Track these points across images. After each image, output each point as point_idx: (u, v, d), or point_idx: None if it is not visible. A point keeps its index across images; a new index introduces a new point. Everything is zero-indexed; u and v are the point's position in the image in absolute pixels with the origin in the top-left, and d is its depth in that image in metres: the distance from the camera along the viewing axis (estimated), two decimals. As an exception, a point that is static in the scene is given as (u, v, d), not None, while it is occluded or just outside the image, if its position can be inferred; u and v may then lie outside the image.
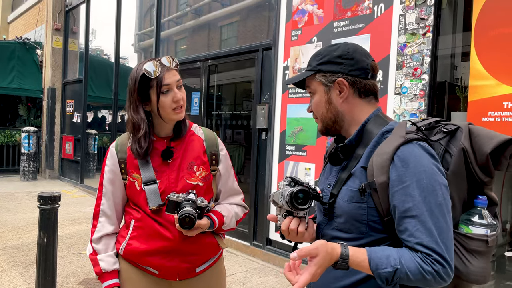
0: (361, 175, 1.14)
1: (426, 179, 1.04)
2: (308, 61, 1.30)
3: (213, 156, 1.67)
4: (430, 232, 1.01)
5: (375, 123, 1.20)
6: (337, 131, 1.26)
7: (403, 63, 3.21)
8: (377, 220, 1.11)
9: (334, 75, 1.21)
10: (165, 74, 1.53)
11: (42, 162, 10.01)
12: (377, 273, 1.02)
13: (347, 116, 1.23)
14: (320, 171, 3.99)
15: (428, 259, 1.00)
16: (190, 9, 6.62)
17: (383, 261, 1.02)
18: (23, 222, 5.61)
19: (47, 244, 2.89)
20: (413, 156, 1.07)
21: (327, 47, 1.27)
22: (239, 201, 1.78)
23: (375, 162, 1.10)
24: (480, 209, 1.12)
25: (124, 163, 1.60)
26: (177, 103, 1.55)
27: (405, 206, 1.04)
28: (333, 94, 1.22)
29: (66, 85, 9.86)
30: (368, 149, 1.16)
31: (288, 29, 4.22)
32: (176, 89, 1.56)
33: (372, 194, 1.10)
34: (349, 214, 1.14)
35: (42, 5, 10.69)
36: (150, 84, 1.53)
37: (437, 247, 1.00)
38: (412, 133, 1.12)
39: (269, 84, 4.49)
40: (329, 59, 1.22)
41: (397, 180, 1.06)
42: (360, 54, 1.21)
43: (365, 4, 3.51)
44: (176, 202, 1.50)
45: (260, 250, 4.54)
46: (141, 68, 1.53)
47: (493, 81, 2.71)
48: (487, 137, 1.12)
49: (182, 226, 1.46)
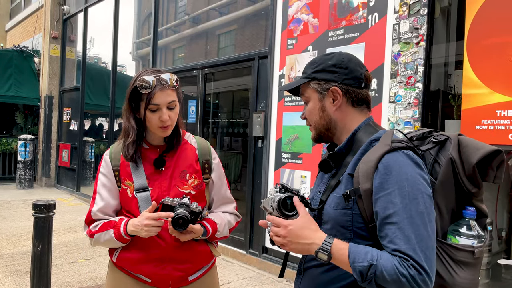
0: (348, 182, 1.16)
1: (408, 187, 1.05)
2: (303, 68, 1.32)
3: (205, 164, 1.69)
4: (409, 239, 1.02)
5: (365, 132, 1.22)
6: (329, 138, 1.29)
7: (397, 71, 3.23)
8: (362, 227, 1.12)
9: (328, 83, 1.23)
10: (157, 93, 1.51)
11: (38, 170, 9.98)
12: (353, 266, 1.03)
13: (339, 124, 1.25)
14: (315, 179, 4.00)
15: (405, 263, 1.00)
16: (188, 17, 6.66)
17: (361, 255, 1.04)
18: (18, 231, 5.58)
19: (41, 253, 2.88)
20: (397, 164, 1.08)
21: (322, 55, 1.29)
22: (231, 210, 1.78)
23: (361, 169, 1.12)
24: (468, 220, 1.12)
25: (118, 171, 1.62)
26: (163, 123, 1.55)
27: (386, 213, 1.05)
28: (326, 102, 1.24)
29: (63, 93, 9.88)
30: (356, 156, 1.18)
31: (283, 38, 4.26)
32: (165, 109, 1.54)
33: (357, 200, 1.12)
34: (335, 220, 1.16)
35: (40, 14, 10.74)
36: (141, 97, 1.54)
37: (414, 255, 1.00)
38: (398, 141, 1.14)
39: (265, 92, 4.51)
40: (323, 68, 1.24)
41: (380, 187, 1.08)
42: (354, 63, 1.24)
43: (359, 14, 3.55)
44: (170, 206, 1.51)
45: (256, 258, 4.53)
46: (139, 78, 1.54)
47: (486, 90, 2.73)
48: (475, 148, 1.12)
49: (175, 227, 1.46)
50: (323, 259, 1.07)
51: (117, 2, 7.91)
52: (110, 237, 1.54)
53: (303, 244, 1.10)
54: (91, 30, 9.13)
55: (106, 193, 1.63)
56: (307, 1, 4.02)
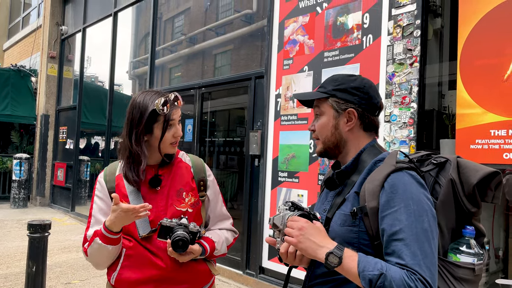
0: (354, 200, 1.20)
1: (413, 205, 1.09)
2: (322, 83, 1.36)
3: (201, 182, 1.70)
4: (414, 255, 1.05)
5: (369, 153, 1.27)
6: (335, 155, 1.33)
7: (392, 91, 3.28)
8: (368, 244, 1.15)
9: (346, 103, 1.28)
10: (173, 110, 1.60)
11: (33, 189, 9.90)
12: (362, 275, 1.05)
13: (348, 144, 1.30)
14: (312, 197, 4.00)
15: (413, 277, 1.03)
16: (184, 37, 6.75)
17: (371, 265, 1.06)
18: (11, 251, 5.50)
19: (35, 274, 2.84)
20: (402, 183, 1.12)
21: (344, 75, 1.34)
22: (228, 226, 1.79)
23: (367, 188, 1.16)
24: (468, 239, 1.17)
25: (114, 192, 1.60)
26: (176, 138, 1.61)
27: (392, 230, 1.09)
28: (341, 121, 1.29)
29: (59, 111, 9.89)
30: (362, 176, 1.22)
31: (280, 58, 4.32)
32: (178, 125, 1.63)
33: (363, 218, 1.15)
34: (342, 237, 1.18)
35: (38, 34, 10.84)
36: (156, 119, 1.57)
37: (420, 270, 1.03)
38: (402, 162, 1.19)
39: (262, 112, 4.55)
40: (346, 88, 1.29)
41: (386, 205, 1.11)
42: (373, 91, 1.32)
43: (354, 35, 3.62)
44: (169, 227, 1.50)
45: (253, 278, 4.48)
46: (149, 102, 1.56)
47: (479, 110, 2.77)
48: (474, 170, 1.18)
49: (175, 249, 1.46)
50: (334, 263, 1.08)
51: (115, 22, 8.01)
52: (98, 244, 1.51)
53: (316, 244, 1.12)
54: (88, 50, 9.22)
55: (101, 217, 1.61)
56: (302, 22, 4.10)
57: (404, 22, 3.24)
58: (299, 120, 4.08)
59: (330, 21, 3.83)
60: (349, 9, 3.68)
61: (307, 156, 3.98)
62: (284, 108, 4.24)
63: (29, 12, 13.59)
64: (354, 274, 1.06)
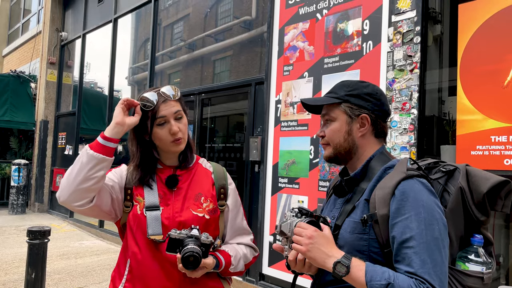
0: (364, 208, 1.19)
1: (424, 213, 1.09)
2: (332, 88, 1.34)
3: (221, 189, 1.59)
4: (424, 264, 1.04)
5: (379, 160, 1.26)
6: (345, 161, 1.32)
7: (392, 98, 3.29)
8: (378, 252, 1.14)
9: (360, 109, 1.27)
10: (161, 105, 1.47)
11: (31, 195, 9.86)
12: (370, 285, 1.04)
13: (360, 150, 1.29)
14: (313, 203, 3.98)
15: (421, 286, 1.02)
16: (184, 43, 6.77)
17: (378, 274, 1.05)
18: (10, 257, 5.47)
19: (35, 280, 2.82)
20: (413, 191, 1.12)
21: (356, 81, 1.33)
22: (248, 242, 1.63)
23: (377, 195, 1.15)
24: (476, 247, 1.16)
25: (131, 188, 1.53)
26: (174, 135, 1.48)
27: (402, 237, 1.08)
28: (354, 127, 1.28)
29: (59, 117, 9.88)
30: (371, 183, 1.21)
31: (280, 64, 4.33)
32: (173, 121, 1.48)
33: (373, 225, 1.14)
34: (352, 245, 1.18)
35: (38, 40, 10.86)
36: (147, 115, 1.48)
37: (430, 279, 1.02)
38: (412, 169, 1.18)
39: (262, 117, 4.55)
40: (359, 93, 1.28)
41: (397, 212, 1.11)
42: (385, 98, 1.32)
43: (354, 42, 3.63)
44: (178, 239, 1.36)
45: (253, 285, 4.45)
46: (139, 98, 1.49)
47: (480, 116, 2.78)
48: (484, 178, 1.18)
49: (186, 266, 1.33)
50: (341, 272, 1.07)
51: (115, 28, 8.04)
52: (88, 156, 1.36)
53: (324, 253, 1.11)
54: (88, 56, 9.23)
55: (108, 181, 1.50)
56: (302, 29, 4.11)
57: (404, 28, 3.25)
58: (299, 126, 4.08)
59: (330, 28, 3.85)
60: (349, 15, 3.70)
61: (307, 162, 3.97)
62: (284, 114, 4.24)
63: (29, 18, 13.62)
64: (362, 284, 1.06)
